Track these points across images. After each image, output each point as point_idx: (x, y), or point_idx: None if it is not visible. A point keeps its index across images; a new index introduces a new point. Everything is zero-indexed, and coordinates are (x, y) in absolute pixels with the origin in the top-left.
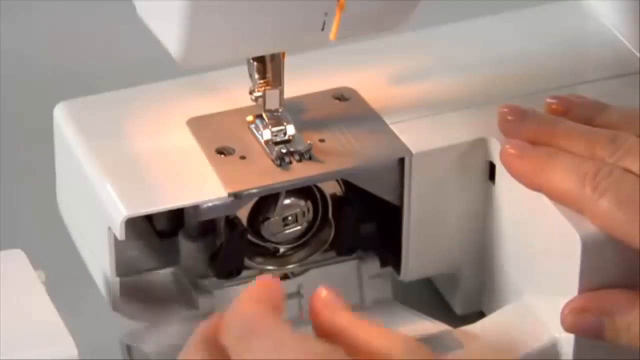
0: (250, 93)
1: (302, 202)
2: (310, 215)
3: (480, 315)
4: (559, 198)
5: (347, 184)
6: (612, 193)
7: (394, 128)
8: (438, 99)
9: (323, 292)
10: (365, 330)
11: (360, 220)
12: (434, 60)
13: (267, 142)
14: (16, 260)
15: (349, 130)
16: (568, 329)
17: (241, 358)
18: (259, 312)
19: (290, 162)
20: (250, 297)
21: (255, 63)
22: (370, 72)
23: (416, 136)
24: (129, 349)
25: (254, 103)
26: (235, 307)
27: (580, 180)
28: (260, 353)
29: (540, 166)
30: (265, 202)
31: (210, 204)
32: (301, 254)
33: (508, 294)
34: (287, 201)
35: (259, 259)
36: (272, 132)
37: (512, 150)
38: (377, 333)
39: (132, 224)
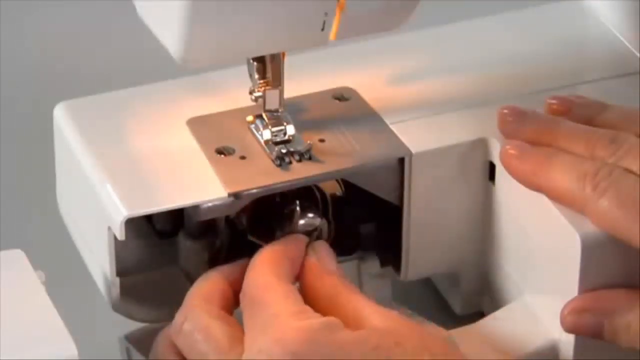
0: (250, 93)
1: (317, 221)
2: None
3: (480, 315)
4: (559, 198)
5: (347, 184)
6: (612, 193)
7: (394, 128)
8: (438, 99)
9: (316, 252)
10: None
11: (360, 220)
12: (434, 60)
13: (267, 142)
14: (16, 260)
15: (349, 130)
16: (568, 329)
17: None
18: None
19: (290, 162)
20: (200, 294)
21: (255, 63)
22: (370, 72)
23: (416, 136)
24: (128, 349)
25: (254, 103)
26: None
27: (581, 180)
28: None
29: (540, 166)
30: (267, 204)
31: (210, 204)
32: None
33: (508, 294)
34: (302, 222)
35: None
36: (272, 132)
37: (512, 151)
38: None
39: (132, 224)
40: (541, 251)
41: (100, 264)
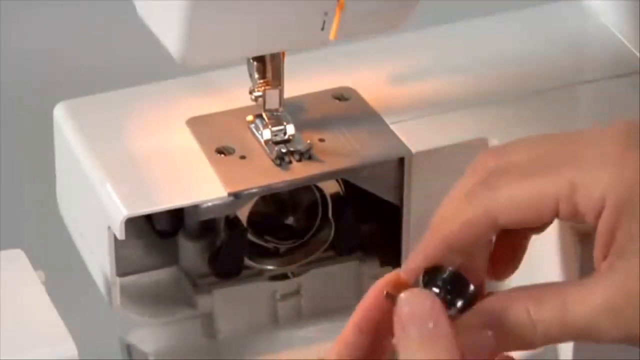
0: (250, 93)
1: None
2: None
3: None
4: None
5: (347, 184)
6: None
7: (394, 128)
8: (438, 99)
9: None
10: None
11: (360, 220)
12: (434, 60)
13: (267, 141)
14: (16, 260)
15: (349, 130)
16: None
17: None
18: None
19: (290, 162)
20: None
21: (255, 63)
22: (370, 72)
23: (416, 136)
24: (129, 348)
25: (254, 103)
26: None
27: None
28: None
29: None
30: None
31: (210, 204)
32: (301, 254)
33: None
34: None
35: (259, 259)
36: (272, 132)
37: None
38: None
39: (132, 223)
40: (540, 250)
41: (100, 264)
